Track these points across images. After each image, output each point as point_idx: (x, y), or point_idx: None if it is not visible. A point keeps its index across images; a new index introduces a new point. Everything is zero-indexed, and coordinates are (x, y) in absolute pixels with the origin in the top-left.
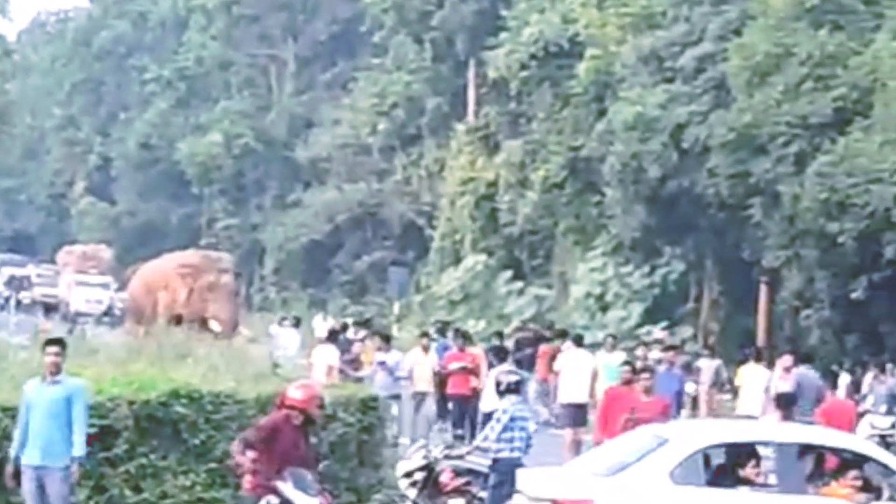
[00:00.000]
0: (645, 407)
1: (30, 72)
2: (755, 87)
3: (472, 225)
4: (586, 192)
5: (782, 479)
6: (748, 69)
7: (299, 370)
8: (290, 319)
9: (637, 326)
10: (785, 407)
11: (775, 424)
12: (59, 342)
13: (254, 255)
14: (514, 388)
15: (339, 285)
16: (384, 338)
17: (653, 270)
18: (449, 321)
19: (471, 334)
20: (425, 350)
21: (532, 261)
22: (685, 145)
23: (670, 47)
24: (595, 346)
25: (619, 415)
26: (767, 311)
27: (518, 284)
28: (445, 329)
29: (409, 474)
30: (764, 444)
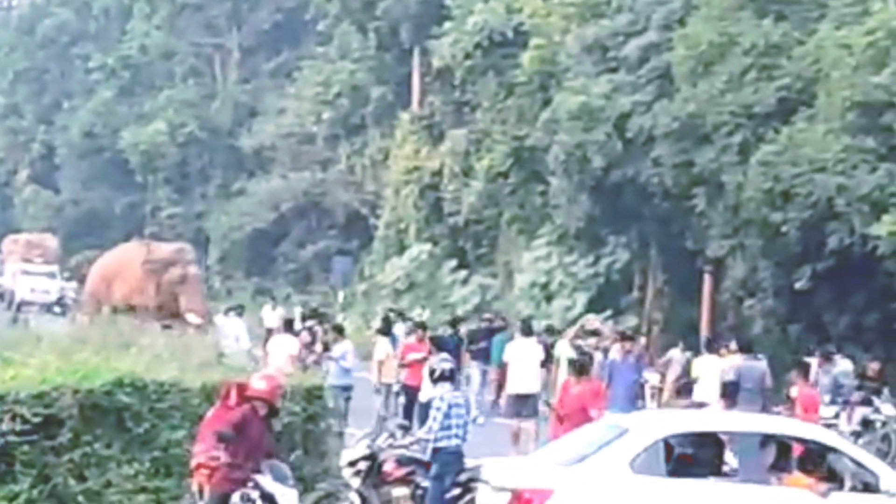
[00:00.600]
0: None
1: None
2: (699, 76)
3: (416, 214)
4: (531, 181)
5: (744, 468)
6: (692, 59)
7: (251, 360)
8: (235, 308)
9: (581, 316)
10: (728, 395)
11: (737, 414)
12: None
13: (198, 244)
14: (448, 376)
15: (284, 274)
16: (337, 329)
17: (597, 260)
18: (401, 311)
19: (425, 324)
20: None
21: (477, 250)
22: (629, 135)
23: (614, 37)
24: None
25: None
26: (711, 301)
27: (462, 274)
28: (391, 318)
29: (352, 463)
30: (725, 433)
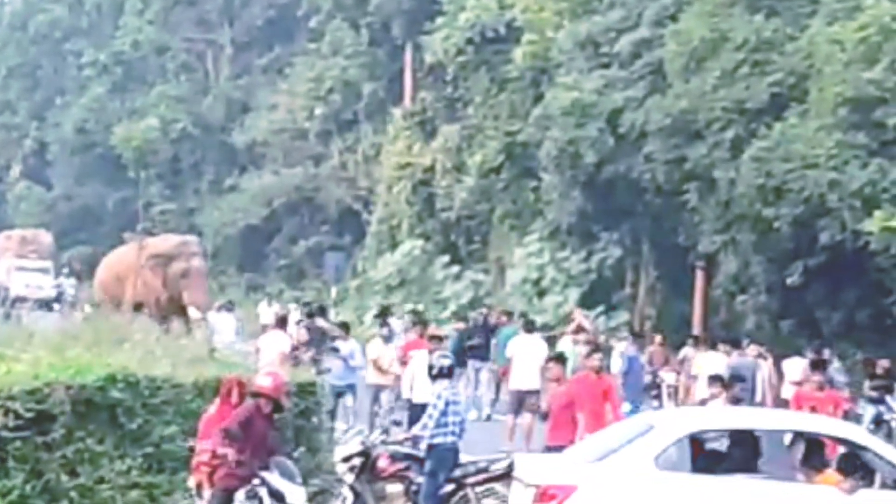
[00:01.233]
0: (553, 397)
1: None
2: (691, 72)
3: (408, 210)
4: (523, 177)
5: (771, 465)
6: (684, 55)
7: (238, 355)
8: (226, 304)
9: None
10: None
11: (764, 411)
12: None
13: None
14: (446, 373)
15: (276, 270)
16: (342, 326)
17: (589, 255)
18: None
19: (427, 321)
20: (385, 341)
21: (469, 246)
22: (621, 131)
23: (607, 33)
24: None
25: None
26: (703, 297)
27: (455, 269)
28: (384, 316)
29: (346, 459)
30: (753, 430)
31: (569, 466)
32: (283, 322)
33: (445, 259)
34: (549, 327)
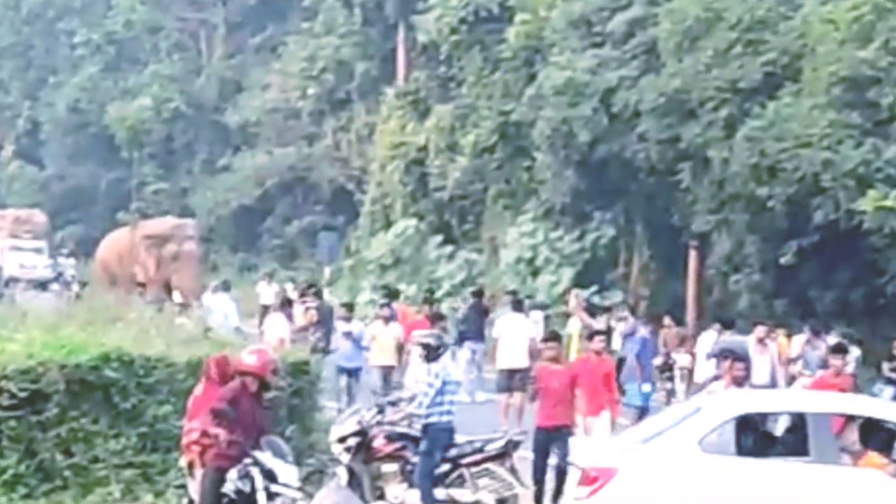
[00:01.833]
0: (552, 376)
1: None
2: (685, 51)
3: (402, 189)
4: (516, 156)
5: (816, 448)
6: (678, 34)
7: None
8: (221, 285)
9: (567, 291)
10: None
11: (810, 393)
12: None
13: None
14: (440, 353)
15: (270, 250)
16: (347, 307)
17: (583, 235)
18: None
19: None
20: (385, 322)
21: (462, 225)
22: (615, 110)
23: (600, 12)
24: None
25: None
26: (697, 276)
27: (448, 249)
28: (392, 296)
29: (342, 439)
30: (799, 413)
31: (611, 449)
32: (288, 304)
33: (439, 239)
34: (545, 306)
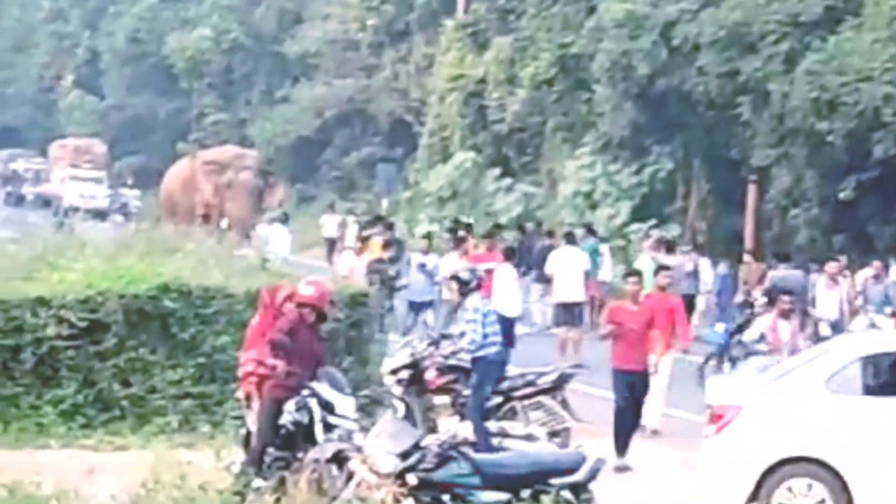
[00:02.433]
0: (631, 317)
1: None
2: None
3: (460, 122)
4: (575, 89)
5: None
6: None
7: (292, 267)
8: (279, 216)
9: (625, 225)
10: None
11: None
12: None
13: None
14: (477, 286)
15: (328, 181)
16: (426, 238)
17: (641, 169)
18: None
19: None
20: (466, 255)
21: (521, 158)
22: (675, 43)
23: None
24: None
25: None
26: (755, 211)
27: (506, 182)
28: (458, 228)
29: (394, 371)
30: None
31: (737, 387)
32: (363, 240)
33: (497, 171)
34: (604, 240)
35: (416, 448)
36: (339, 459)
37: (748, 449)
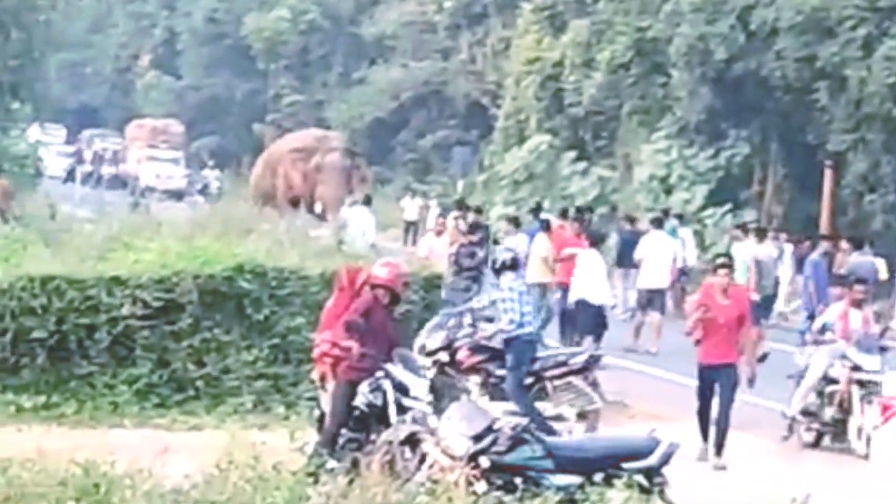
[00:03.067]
0: (719, 310)
1: None
2: None
3: (536, 105)
4: (652, 73)
5: None
6: None
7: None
8: (360, 198)
9: (701, 209)
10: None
11: None
12: None
13: None
14: (511, 265)
15: (403, 164)
16: (512, 221)
17: (717, 153)
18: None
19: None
20: (552, 238)
21: (596, 142)
22: (752, 27)
23: None
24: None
25: None
26: (831, 196)
27: (582, 165)
28: (539, 210)
29: (430, 353)
30: None
31: None
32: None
33: (572, 155)
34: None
35: (488, 431)
36: (413, 441)
37: None
